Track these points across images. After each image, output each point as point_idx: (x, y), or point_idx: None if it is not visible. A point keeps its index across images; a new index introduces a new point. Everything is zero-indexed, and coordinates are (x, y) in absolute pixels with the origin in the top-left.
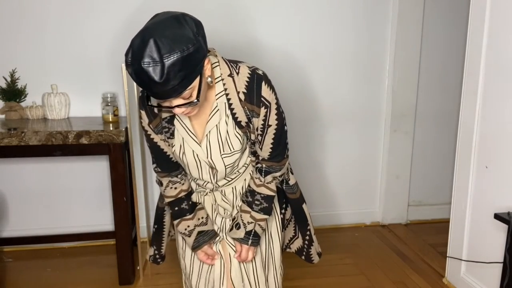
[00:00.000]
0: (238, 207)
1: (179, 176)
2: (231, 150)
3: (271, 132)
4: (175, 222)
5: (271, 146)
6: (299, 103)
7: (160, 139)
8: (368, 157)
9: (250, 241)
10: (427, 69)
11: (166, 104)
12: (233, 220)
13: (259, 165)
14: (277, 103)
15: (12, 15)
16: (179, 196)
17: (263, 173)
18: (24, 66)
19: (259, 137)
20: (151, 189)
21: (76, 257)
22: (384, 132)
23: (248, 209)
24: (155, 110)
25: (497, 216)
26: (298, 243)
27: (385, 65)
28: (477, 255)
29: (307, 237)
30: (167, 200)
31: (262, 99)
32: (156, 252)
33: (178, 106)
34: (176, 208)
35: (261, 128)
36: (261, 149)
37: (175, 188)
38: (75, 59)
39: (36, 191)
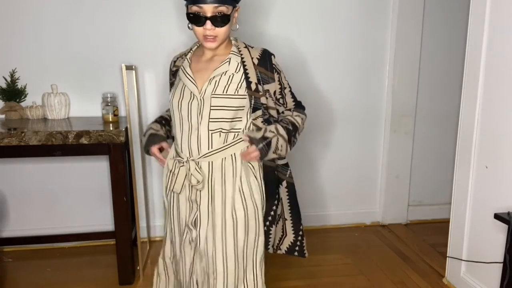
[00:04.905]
0: (213, 181)
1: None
2: (224, 104)
3: (288, 92)
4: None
5: (293, 101)
6: None
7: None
8: (368, 157)
9: (261, 145)
10: (427, 69)
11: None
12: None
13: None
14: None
15: (12, 15)
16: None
17: (291, 110)
18: (24, 66)
19: (281, 100)
20: (151, 189)
21: (76, 257)
22: (384, 132)
23: (275, 124)
24: (189, 25)
25: (497, 216)
26: (288, 240)
27: (385, 65)
28: (477, 255)
29: (300, 232)
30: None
31: (274, 66)
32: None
33: (211, 17)
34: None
35: (279, 92)
36: (286, 106)
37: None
38: (75, 59)
39: (36, 191)
